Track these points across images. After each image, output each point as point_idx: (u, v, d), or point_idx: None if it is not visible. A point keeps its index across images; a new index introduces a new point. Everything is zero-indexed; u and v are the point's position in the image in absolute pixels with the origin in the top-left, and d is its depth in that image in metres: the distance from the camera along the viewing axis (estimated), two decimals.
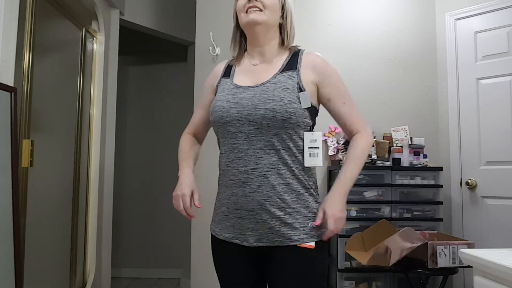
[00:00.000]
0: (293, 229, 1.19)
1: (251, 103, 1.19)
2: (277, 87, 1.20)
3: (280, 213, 1.18)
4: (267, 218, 1.18)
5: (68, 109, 2.60)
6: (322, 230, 1.21)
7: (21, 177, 1.98)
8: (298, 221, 1.19)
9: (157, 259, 4.26)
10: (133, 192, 4.31)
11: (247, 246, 1.22)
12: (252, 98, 1.20)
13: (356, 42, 3.13)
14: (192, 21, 3.14)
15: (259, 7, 1.24)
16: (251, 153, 1.19)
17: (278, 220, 1.18)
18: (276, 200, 1.18)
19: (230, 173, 1.23)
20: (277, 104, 1.17)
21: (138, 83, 4.44)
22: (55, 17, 2.39)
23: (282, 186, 1.19)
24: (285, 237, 1.18)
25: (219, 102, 1.25)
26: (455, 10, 3.04)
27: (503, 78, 2.78)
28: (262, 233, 1.19)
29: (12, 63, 1.84)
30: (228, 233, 1.25)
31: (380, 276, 2.66)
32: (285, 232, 1.18)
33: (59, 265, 2.47)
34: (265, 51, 1.31)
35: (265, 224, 1.19)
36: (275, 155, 1.19)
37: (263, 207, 1.18)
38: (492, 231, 2.74)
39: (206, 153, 2.19)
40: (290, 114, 1.17)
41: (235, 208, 1.22)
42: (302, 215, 1.20)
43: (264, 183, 1.18)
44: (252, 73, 1.29)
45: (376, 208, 2.69)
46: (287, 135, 1.19)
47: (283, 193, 1.18)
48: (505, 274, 1.28)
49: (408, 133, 3.02)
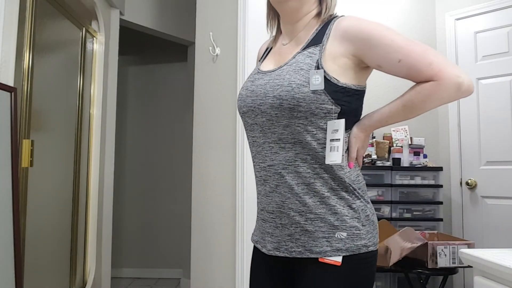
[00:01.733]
0: (315, 239, 0.97)
1: (264, 90, 1.01)
2: (291, 69, 0.99)
3: (300, 218, 0.98)
4: (287, 223, 1.00)
5: (68, 109, 2.60)
6: (358, 243, 0.97)
7: (21, 177, 1.98)
8: (322, 229, 0.97)
9: (157, 259, 4.26)
10: (133, 192, 4.31)
11: (265, 253, 1.06)
12: (265, 85, 1.02)
13: None
14: (192, 21, 3.14)
15: None
16: (267, 148, 1.02)
17: (298, 227, 0.99)
18: (295, 202, 0.98)
19: (255, 169, 1.08)
20: (284, 90, 0.96)
21: (138, 83, 4.44)
22: (55, 17, 2.39)
23: (302, 186, 0.98)
24: (306, 248, 0.98)
25: (241, 91, 1.09)
26: (455, 10, 3.04)
27: (503, 78, 2.78)
28: (280, 240, 1.01)
29: (12, 63, 1.84)
30: (255, 235, 1.12)
31: (380, 276, 2.66)
32: (305, 241, 0.98)
33: (59, 265, 2.47)
34: (298, 28, 1.08)
35: (284, 230, 1.01)
36: (291, 150, 0.98)
37: (281, 210, 1.00)
38: (492, 231, 2.74)
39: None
40: (298, 101, 0.94)
41: (260, 209, 1.08)
42: (327, 223, 0.97)
43: (281, 182, 1.00)
44: (278, 55, 1.10)
45: (376, 208, 2.69)
46: (300, 126, 0.96)
47: (303, 195, 0.98)
48: (505, 274, 1.28)
49: (408, 133, 3.02)
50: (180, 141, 4.12)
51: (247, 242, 2.05)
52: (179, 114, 4.19)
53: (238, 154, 2.10)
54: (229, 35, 2.25)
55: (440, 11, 3.14)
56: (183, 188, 3.93)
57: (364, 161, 2.78)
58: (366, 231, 0.99)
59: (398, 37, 0.95)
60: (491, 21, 2.87)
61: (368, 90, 1.11)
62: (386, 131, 3.02)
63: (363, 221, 0.99)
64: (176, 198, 4.18)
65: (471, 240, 2.63)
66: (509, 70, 2.76)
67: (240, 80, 2.13)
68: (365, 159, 2.79)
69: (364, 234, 0.98)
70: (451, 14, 3.06)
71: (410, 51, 0.94)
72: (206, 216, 2.49)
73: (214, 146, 2.41)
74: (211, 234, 2.40)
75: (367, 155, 2.79)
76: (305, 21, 1.07)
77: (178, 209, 4.13)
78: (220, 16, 2.90)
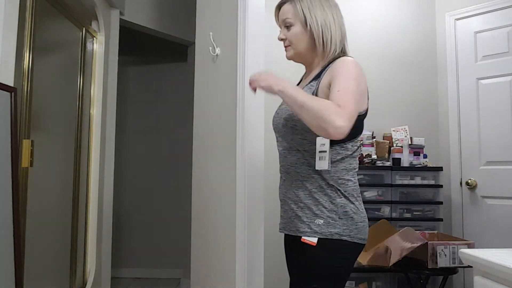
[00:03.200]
0: (301, 222, 1.31)
1: (281, 114, 1.40)
2: None
3: (294, 206, 1.35)
4: (288, 209, 1.38)
5: (68, 109, 2.60)
6: (332, 230, 1.27)
7: (21, 177, 1.98)
8: (307, 215, 1.31)
9: (157, 259, 4.26)
10: (133, 192, 4.31)
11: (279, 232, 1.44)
12: (282, 109, 1.41)
13: (356, 43, 3.11)
14: (192, 21, 3.14)
15: (288, 44, 1.44)
16: (282, 153, 1.42)
17: (293, 213, 1.35)
18: (292, 194, 1.36)
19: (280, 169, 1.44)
20: (287, 114, 1.35)
21: (138, 83, 4.44)
22: (55, 17, 2.39)
23: (298, 182, 1.34)
24: (296, 228, 1.33)
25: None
26: (455, 10, 3.04)
27: (503, 78, 2.78)
28: (286, 221, 1.39)
29: (12, 63, 1.84)
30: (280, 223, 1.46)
31: (380, 276, 2.66)
32: (296, 223, 1.33)
33: (59, 265, 2.47)
34: (313, 68, 1.45)
35: (287, 214, 1.38)
36: (294, 156, 1.36)
37: (285, 199, 1.40)
38: (492, 231, 2.74)
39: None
40: (295, 122, 1.31)
41: (279, 198, 1.44)
42: (310, 211, 1.30)
43: (286, 178, 1.39)
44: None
45: (376, 208, 2.69)
46: (299, 140, 1.34)
47: (297, 189, 1.34)
48: (505, 274, 1.28)
49: (408, 133, 3.02)
50: (180, 141, 4.12)
51: (247, 241, 2.05)
52: (179, 114, 4.19)
53: (238, 154, 2.10)
54: (229, 35, 2.25)
55: (440, 11, 3.14)
56: (183, 188, 3.93)
57: (364, 161, 2.78)
58: (342, 223, 1.28)
59: (351, 85, 1.24)
60: (491, 21, 2.87)
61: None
62: (386, 131, 3.02)
63: (340, 215, 1.28)
64: (176, 198, 4.18)
65: (471, 240, 2.63)
66: (509, 70, 2.76)
67: (240, 80, 2.13)
68: (365, 159, 2.78)
69: (339, 225, 1.27)
70: (451, 14, 3.06)
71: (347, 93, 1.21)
72: (206, 216, 2.49)
73: (214, 146, 2.41)
74: (211, 234, 2.40)
75: (367, 155, 2.79)
76: (316, 63, 1.43)
77: (178, 209, 4.13)
78: (220, 16, 2.90)
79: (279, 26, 1.47)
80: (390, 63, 3.13)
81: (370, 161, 2.76)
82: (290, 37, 1.42)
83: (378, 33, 3.13)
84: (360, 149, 1.69)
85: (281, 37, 1.44)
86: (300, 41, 1.41)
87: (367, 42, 3.12)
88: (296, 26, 1.41)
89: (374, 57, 3.12)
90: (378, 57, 3.12)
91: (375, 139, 2.91)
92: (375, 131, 3.00)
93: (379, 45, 3.13)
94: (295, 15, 1.40)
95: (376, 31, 3.13)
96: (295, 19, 1.40)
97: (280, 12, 1.44)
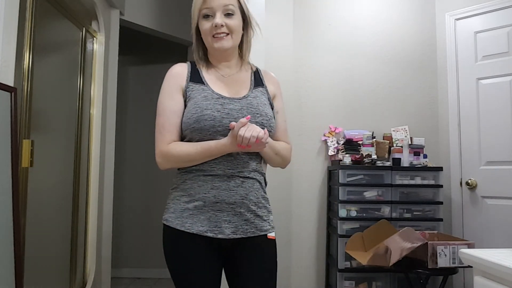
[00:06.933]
0: (262, 221, 1.34)
1: (241, 115, 1.28)
2: (259, 102, 1.35)
3: (254, 207, 1.32)
4: (243, 211, 1.31)
5: (68, 109, 2.60)
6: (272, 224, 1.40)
7: (21, 177, 1.98)
8: (265, 214, 1.36)
9: (157, 259, 4.25)
10: (133, 192, 4.31)
11: (222, 238, 1.29)
12: (241, 110, 1.30)
13: (356, 42, 3.13)
14: None
15: (226, 32, 1.32)
16: (239, 158, 1.31)
17: (252, 213, 1.32)
18: (254, 195, 1.33)
19: (213, 172, 1.30)
20: (264, 119, 1.33)
21: (138, 83, 4.44)
22: (55, 17, 2.39)
23: (257, 183, 1.35)
24: (257, 228, 1.32)
25: (209, 111, 1.28)
26: (455, 10, 3.04)
27: (503, 78, 2.78)
28: (237, 225, 1.30)
29: (12, 63, 1.84)
30: (201, 226, 1.29)
31: (380, 276, 2.67)
32: (257, 223, 1.33)
33: (59, 265, 2.47)
34: (232, 66, 1.42)
35: (242, 217, 1.31)
36: (255, 161, 1.35)
37: (243, 202, 1.30)
38: (492, 231, 2.74)
39: None
40: (271, 128, 1.36)
41: (214, 202, 1.29)
42: (266, 209, 1.38)
43: (246, 181, 1.31)
44: (225, 84, 1.38)
45: (376, 208, 2.69)
46: None
47: (257, 191, 1.34)
48: (505, 274, 1.28)
49: (408, 133, 3.02)
50: None
51: None
52: None
53: None
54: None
55: (440, 11, 3.14)
56: None
57: (364, 161, 2.78)
58: None
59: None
60: (491, 21, 2.87)
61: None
62: (386, 131, 3.02)
63: None
64: None
65: (471, 240, 2.63)
66: (509, 70, 2.76)
67: None
68: (365, 159, 2.79)
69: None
70: (451, 14, 3.06)
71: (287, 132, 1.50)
72: None
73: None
74: None
75: (367, 155, 2.79)
76: (235, 60, 1.42)
77: None
78: None
79: (210, 10, 1.31)
80: (390, 63, 3.13)
81: (370, 161, 2.76)
82: (232, 26, 1.32)
83: (378, 33, 3.13)
84: None
85: (220, 23, 1.30)
86: (239, 34, 1.37)
87: (367, 41, 3.12)
88: (236, 17, 1.34)
89: (374, 57, 3.12)
90: (378, 57, 3.12)
91: (375, 139, 2.91)
92: (375, 131, 3.00)
93: (379, 44, 3.13)
94: (237, 6, 1.34)
95: (376, 31, 3.13)
96: (236, 10, 1.34)
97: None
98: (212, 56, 1.41)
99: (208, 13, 1.32)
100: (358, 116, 3.07)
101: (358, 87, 3.08)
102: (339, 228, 2.65)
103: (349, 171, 2.69)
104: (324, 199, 3.02)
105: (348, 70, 3.09)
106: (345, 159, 2.80)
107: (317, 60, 3.09)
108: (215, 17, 1.31)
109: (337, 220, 2.67)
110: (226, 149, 1.25)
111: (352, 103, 3.08)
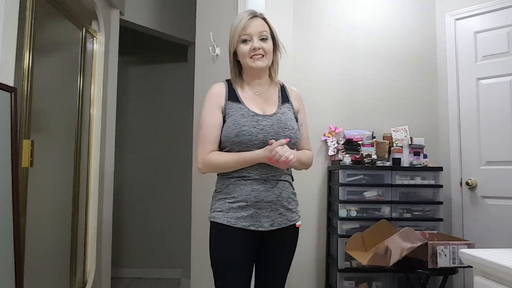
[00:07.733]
0: (292, 212, 1.62)
1: (273, 130, 1.54)
2: (287, 118, 1.60)
3: (286, 202, 1.59)
4: (278, 207, 1.57)
5: (68, 109, 2.60)
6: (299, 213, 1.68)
7: (21, 177, 1.98)
8: (294, 207, 1.64)
9: (157, 259, 4.26)
10: (133, 192, 4.31)
11: (262, 230, 1.54)
12: (272, 125, 1.55)
13: (356, 42, 3.13)
14: (192, 21, 3.14)
15: (262, 53, 1.58)
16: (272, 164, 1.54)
17: (284, 208, 1.59)
18: (286, 193, 1.60)
19: (252, 176, 1.54)
20: (291, 132, 1.57)
21: (138, 83, 4.44)
22: (55, 17, 2.39)
23: (287, 183, 1.62)
24: (288, 219, 1.60)
25: (246, 128, 1.53)
26: (455, 10, 3.04)
27: (503, 78, 2.78)
28: (274, 219, 1.56)
29: (12, 63, 1.84)
30: (245, 222, 1.53)
31: (380, 276, 2.66)
32: (288, 215, 1.60)
33: (59, 265, 2.48)
34: (263, 83, 1.66)
35: (277, 212, 1.57)
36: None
37: (278, 199, 1.57)
38: (492, 231, 2.74)
39: None
40: (297, 139, 1.61)
41: (256, 201, 1.54)
42: (295, 202, 1.66)
43: (279, 183, 1.58)
44: (258, 102, 1.62)
45: (376, 208, 2.69)
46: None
47: (287, 189, 1.62)
48: (505, 274, 1.28)
49: (408, 133, 3.02)
50: (180, 141, 4.12)
51: None
52: (179, 114, 4.19)
53: None
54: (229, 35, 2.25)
55: (440, 11, 3.14)
56: (183, 188, 3.93)
57: (364, 161, 2.78)
58: None
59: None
60: (491, 21, 2.87)
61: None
62: (386, 131, 3.02)
63: None
64: (176, 198, 4.18)
65: (471, 240, 2.63)
66: (509, 70, 2.76)
67: None
68: (365, 159, 2.79)
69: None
70: (451, 14, 3.06)
71: (309, 139, 1.79)
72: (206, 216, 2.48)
73: None
74: None
75: (367, 155, 2.79)
76: (267, 79, 1.67)
77: (178, 209, 4.13)
78: (220, 16, 2.90)
79: (249, 35, 1.57)
80: (390, 63, 3.13)
81: (370, 161, 2.76)
82: (267, 49, 1.59)
83: (378, 33, 3.13)
84: None
85: (257, 46, 1.56)
86: (271, 55, 1.63)
87: (367, 42, 3.12)
88: (269, 42, 1.61)
89: (374, 57, 3.12)
90: (378, 57, 3.12)
91: (375, 139, 2.90)
92: (375, 131, 3.00)
93: (379, 45, 3.13)
94: (269, 32, 1.61)
95: (376, 31, 3.13)
96: (269, 35, 1.61)
97: (256, 23, 1.58)
98: (248, 75, 1.65)
99: (247, 38, 1.58)
100: (358, 116, 3.07)
101: (358, 87, 3.08)
102: (339, 228, 2.65)
103: (349, 171, 2.69)
104: (324, 199, 3.02)
105: (348, 70, 3.09)
106: (345, 159, 2.80)
107: (317, 60, 3.09)
108: (253, 41, 1.57)
109: (337, 220, 2.67)
110: (259, 159, 1.50)
111: (352, 103, 3.08)
